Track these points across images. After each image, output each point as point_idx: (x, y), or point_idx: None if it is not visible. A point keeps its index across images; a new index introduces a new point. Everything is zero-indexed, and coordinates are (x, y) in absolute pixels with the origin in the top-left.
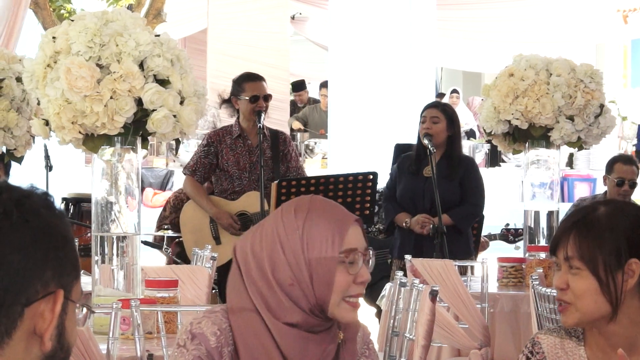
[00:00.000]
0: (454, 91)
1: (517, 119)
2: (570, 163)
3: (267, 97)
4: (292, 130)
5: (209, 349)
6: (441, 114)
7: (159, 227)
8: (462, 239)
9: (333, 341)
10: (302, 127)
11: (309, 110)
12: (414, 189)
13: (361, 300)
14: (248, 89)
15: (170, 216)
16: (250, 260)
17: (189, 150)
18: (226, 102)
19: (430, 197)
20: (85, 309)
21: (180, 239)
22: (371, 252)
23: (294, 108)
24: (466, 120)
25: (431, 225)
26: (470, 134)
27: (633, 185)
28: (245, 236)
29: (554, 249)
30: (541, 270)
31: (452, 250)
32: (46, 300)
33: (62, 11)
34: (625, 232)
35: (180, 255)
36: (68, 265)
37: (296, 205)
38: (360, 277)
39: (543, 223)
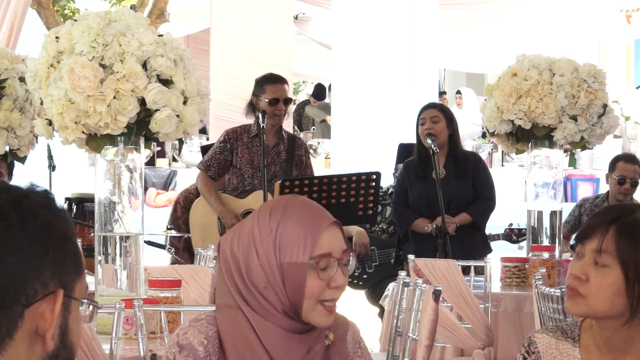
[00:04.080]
0: (457, 92)
1: (520, 118)
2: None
3: (288, 101)
4: (322, 121)
5: (197, 359)
6: (440, 113)
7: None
8: (480, 235)
9: (319, 341)
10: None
11: (324, 103)
12: (427, 194)
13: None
14: (269, 90)
15: (183, 217)
16: (229, 260)
17: (192, 150)
18: (250, 106)
19: (445, 198)
20: (91, 306)
21: (187, 235)
22: (351, 254)
23: (302, 108)
24: (474, 120)
25: (434, 225)
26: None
27: (634, 184)
28: (227, 235)
29: (584, 238)
30: (544, 270)
31: (471, 247)
32: (47, 300)
33: (66, 10)
34: None
35: (187, 251)
36: (68, 263)
37: (272, 206)
38: (334, 282)
39: (546, 223)
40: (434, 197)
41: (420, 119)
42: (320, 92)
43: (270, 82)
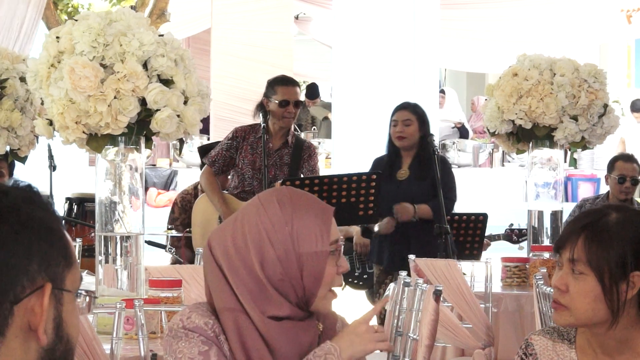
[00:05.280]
0: (441, 91)
1: (521, 118)
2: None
3: (298, 103)
4: (325, 119)
5: (209, 337)
6: (412, 115)
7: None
8: (431, 236)
9: (315, 329)
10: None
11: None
12: (387, 194)
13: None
14: (279, 92)
15: (181, 217)
16: (233, 256)
17: (192, 150)
18: (259, 107)
19: (403, 200)
20: (88, 297)
21: (188, 232)
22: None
23: (303, 108)
24: (458, 117)
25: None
26: (463, 132)
27: (635, 182)
28: (221, 232)
29: (559, 248)
30: (545, 270)
31: (423, 248)
32: (36, 295)
33: (70, 9)
34: (632, 243)
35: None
36: (55, 255)
37: (278, 197)
38: (342, 268)
39: (547, 223)
40: (392, 198)
41: (393, 120)
42: (313, 91)
43: (281, 83)
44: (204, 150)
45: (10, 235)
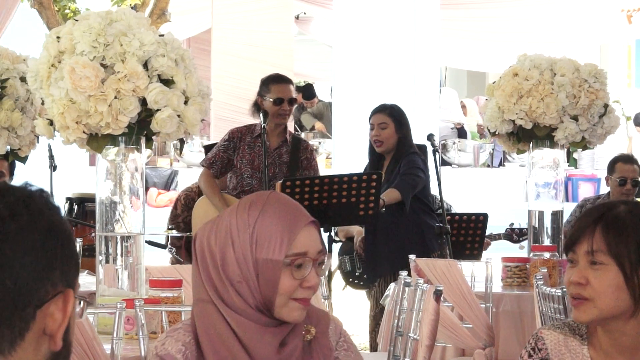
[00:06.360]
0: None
1: (522, 118)
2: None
3: (292, 101)
4: (312, 129)
5: None
6: (388, 117)
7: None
8: (418, 234)
9: (295, 336)
10: (325, 130)
11: (322, 106)
12: None
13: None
14: (274, 90)
15: (183, 215)
16: (206, 253)
17: (192, 150)
18: (255, 106)
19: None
20: (82, 302)
21: (188, 234)
22: (325, 257)
23: (301, 109)
24: (458, 118)
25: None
26: (462, 133)
27: (636, 184)
28: (204, 228)
29: (573, 245)
30: (545, 270)
31: (404, 246)
32: (55, 300)
33: (67, 11)
34: None
35: (188, 251)
36: (72, 262)
37: (252, 201)
38: (307, 282)
39: (547, 223)
40: None
41: (370, 124)
42: (308, 92)
43: (275, 82)
44: (208, 149)
45: (39, 240)
